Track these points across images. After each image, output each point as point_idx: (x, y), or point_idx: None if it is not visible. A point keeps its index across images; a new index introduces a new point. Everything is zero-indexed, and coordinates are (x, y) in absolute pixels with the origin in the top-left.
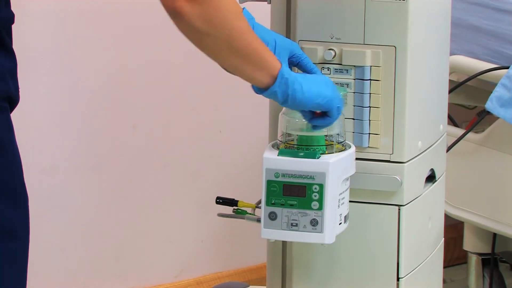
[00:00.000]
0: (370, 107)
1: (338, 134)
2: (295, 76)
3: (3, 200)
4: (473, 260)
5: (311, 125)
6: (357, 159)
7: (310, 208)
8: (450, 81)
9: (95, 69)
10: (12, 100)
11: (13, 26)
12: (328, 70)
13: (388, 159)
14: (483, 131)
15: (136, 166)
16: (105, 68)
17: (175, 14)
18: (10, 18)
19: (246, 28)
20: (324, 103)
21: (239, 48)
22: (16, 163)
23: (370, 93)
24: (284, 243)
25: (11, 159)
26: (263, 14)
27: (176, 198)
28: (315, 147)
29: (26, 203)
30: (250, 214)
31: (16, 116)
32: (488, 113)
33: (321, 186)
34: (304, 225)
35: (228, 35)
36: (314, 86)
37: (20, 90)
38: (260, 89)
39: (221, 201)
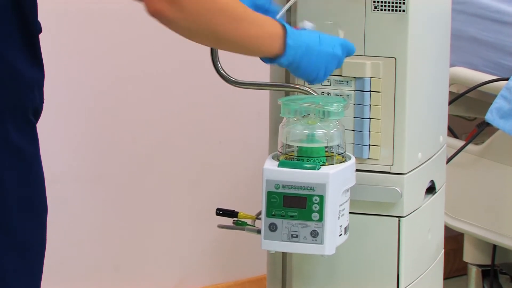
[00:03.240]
0: (370, 118)
1: (338, 146)
2: (295, 57)
3: (21, 213)
4: (473, 272)
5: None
6: (357, 170)
7: (311, 219)
8: (450, 92)
9: (94, 81)
10: (37, 112)
11: None
12: (328, 81)
13: (388, 171)
14: (483, 142)
15: (135, 177)
16: (104, 79)
17: (159, 18)
18: (40, 28)
19: (234, 17)
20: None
21: (229, 40)
22: (39, 177)
23: (370, 105)
24: (284, 254)
25: (34, 174)
26: None
27: (176, 209)
28: (315, 158)
29: (45, 217)
30: (250, 225)
31: None
32: (488, 124)
33: (322, 197)
34: (305, 237)
35: (213, 31)
36: (314, 67)
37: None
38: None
39: (221, 212)
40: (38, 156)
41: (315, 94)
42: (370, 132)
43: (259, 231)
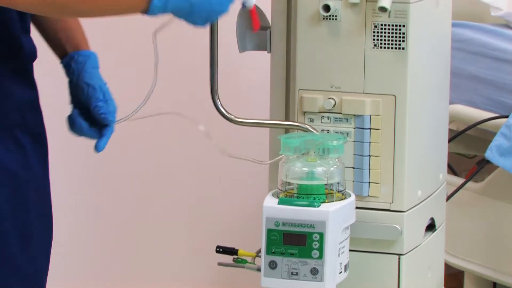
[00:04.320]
0: (370, 156)
1: (338, 183)
2: None
3: (18, 240)
4: None
5: None
6: (357, 207)
7: (310, 257)
8: (450, 130)
9: None
10: (33, 134)
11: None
12: (328, 119)
13: (388, 208)
14: (482, 180)
15: (134, 214)
16: None
17: None
18: (35, 54)
19: None
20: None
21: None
22: (35, 204)
23: (370, 142)
24: None
25: (29, 200)
26: (263, 63)
27: (175, 247)
28: (315, 195)
29: (48, 246)
30: (250, 263)
31: None
32: (488, 162)
33: (321, 234)
34: (304, 274)
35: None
36: None
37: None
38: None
39: (221, 250)
40: (31, 182)
41: (314, 131)
42: (370, 169)
43: (259, 269)
